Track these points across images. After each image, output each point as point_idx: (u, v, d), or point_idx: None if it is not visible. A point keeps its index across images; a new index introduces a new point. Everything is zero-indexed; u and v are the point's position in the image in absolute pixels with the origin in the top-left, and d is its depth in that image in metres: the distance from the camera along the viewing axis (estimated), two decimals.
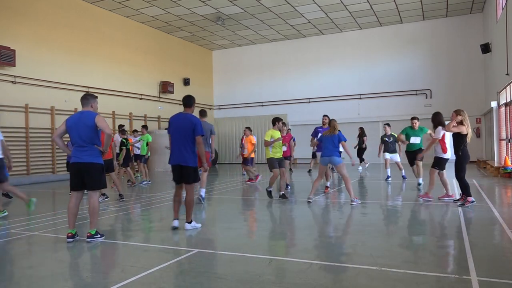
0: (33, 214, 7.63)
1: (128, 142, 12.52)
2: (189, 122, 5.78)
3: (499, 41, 14.49)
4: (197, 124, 5.77)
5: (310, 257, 4.32)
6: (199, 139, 5.76)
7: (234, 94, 24.87)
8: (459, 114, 7.32)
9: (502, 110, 14.42)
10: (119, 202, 8.89)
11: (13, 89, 13.92)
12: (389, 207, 7.67)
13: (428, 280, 3.54)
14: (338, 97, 22.11)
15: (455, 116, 7.35)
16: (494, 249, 4.60)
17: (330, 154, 8.03)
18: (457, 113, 7.36)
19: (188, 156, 5.71)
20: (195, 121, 5.80)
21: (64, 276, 3.94)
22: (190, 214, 5.82)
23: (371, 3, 17.72)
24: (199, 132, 5.75)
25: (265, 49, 23.96)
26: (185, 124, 5.77)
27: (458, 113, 7.33)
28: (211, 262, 4.34)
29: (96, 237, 5.28)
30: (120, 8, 17.55)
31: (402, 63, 20.90)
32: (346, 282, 3.58)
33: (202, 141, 5.79)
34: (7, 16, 13.82)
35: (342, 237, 5.44)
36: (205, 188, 8.78)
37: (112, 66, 17.99)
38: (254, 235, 5.76)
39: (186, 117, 5.88)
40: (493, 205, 7.22)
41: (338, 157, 8.14)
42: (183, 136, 5.73)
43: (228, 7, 17.68)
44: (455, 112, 7.41)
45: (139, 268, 4.07)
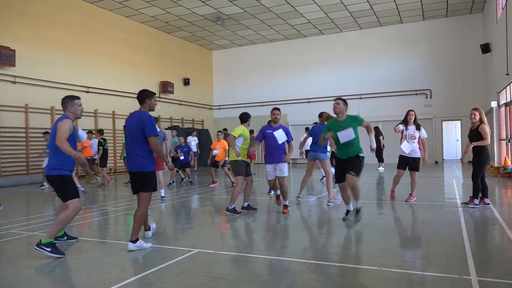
0: (33, 214, 7.63)
1: (106, 142, 12.90)
2: (139, 121, 4.92)
3: (499, 41, 14.49)
4: (147, 122, 4.89)
5: (310, 257, 4.32)
6: (152, 140, 4.87)
7: (234, 94, 24.87)
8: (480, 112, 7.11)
9: (502, 110, 14.42)
10: (117, 203, 8.89)
11: (13, 89, 13.92)
12: (389, 207, 7.67)
13: (428, 280, 3.54)
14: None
15: (482, 114, 7.07)
16: (494, 249, 4.60)
17: (315, 149, 7.92)
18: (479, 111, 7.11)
19: (139, 160, 4.90)
20: (145, 119, 4.93)
21: (64, 276, 3.94)
22: (137, 232, 4.82)
23: (371, 3, 17.72)
24: (150, 132, 4.87)
25: (265, 49, 23.96)
26: (136, 124, 4.95)
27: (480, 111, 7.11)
28: (211, 262, 4.34)
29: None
30: (120, 8, 17.55)
31: (402, 63, 20.90)
32: (346, 282, 3.57)
33: (156, 142, 4.89)
34: (7, 16, 13.82)
35: (342, 237, 5.44)
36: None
37: (112, 66, 17.99)
38: (254, 235, 5.76)
39: (135, 116, 5.05)
40: (493, 205, 7.21)
41: (324, 153, 7.98)
42: (132, 138, 4.95)
43: (228, 7, 17.68)
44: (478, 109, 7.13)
45: (139, 268, 4.07)
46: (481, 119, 6.99)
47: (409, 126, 7.93)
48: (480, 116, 7.01)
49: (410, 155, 7.80)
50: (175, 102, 21.92)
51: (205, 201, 9.16)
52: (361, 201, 5.94)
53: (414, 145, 7.81)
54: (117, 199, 9.63)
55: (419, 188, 10.34)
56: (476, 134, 6.97)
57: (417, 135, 7.85)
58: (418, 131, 7.88)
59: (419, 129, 7.89)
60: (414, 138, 7.82)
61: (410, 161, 7.85)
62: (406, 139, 7.83)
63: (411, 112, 7.96)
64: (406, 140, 7.83)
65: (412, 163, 7.86)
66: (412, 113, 7.94)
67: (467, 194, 9.02)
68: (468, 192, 9.24)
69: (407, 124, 7.94)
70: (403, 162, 7.92)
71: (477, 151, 6.95)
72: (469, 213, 6.62)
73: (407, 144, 7.81)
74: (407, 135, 7.85)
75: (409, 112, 7.96)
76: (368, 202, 8.09)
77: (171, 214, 7.57)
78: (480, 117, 7.01)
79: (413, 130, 7.87)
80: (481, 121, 6.96)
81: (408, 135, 7.84)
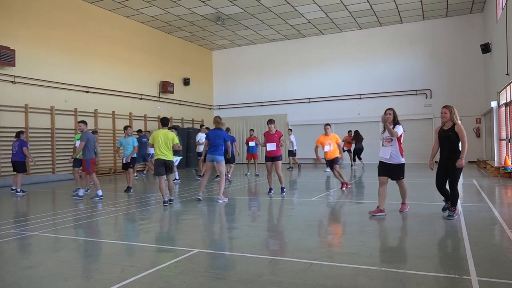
0: (33, 214, 7.63)
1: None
2: None
3: (499, 41, 14.49)
4: None
5: (310, 257, 4.32)
6: None
7: (234, 94, 24.87)
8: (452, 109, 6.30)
9: (502, 110, 14.42)
10: (116, 203, 8.89)
11: (13, 89, 13.92)
12: (389, 207, 7.67)
13: (428, 280, 3.54)
14: (338, 97, 22.11)
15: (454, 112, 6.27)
16: (494, 249, 4.60)
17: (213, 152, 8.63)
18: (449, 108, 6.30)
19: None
20: None
21: (64, 276, 3.94)
22: None
23: (371, 3, 17.72)
24: None
25: (265, 49, 23.95)
26: None
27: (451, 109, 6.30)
28: (211, 262, 4.34)
29: None
30: (120, 8, 17.55)
31: (402, 63, 20.90)
32: (346, 282, 3.57)
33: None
34: (7, 16, 13.82)
35: (342, 237, 5.44)
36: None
37: (112, 66, 17.99)
38: (254, 235, 5.76)
39: None
40: (493, 205, 7.21)
41: (220, 155, 8.65)
42: None
43: (228, 7, 17.68)
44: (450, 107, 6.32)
45: (139, 268, 4.07)
46: (452, 118, 6.21)
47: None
48: (451, 114, 6.22)
49: (390, 161, 6.68)
50: (175, 102, 21.92)
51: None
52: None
53: (392, 149, 6.67)
54: (116, 199, 9.63)
55: (419, 188, 10.36)
56: (451, 136, 6.15)
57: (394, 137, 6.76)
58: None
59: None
60: (391, 140, 6.68)
61: (390, 168, 6.70)
62: (382, 143, 6.82)
63: (387, 111, 6.79)
64: (383, 144, 6.81)
65: (393, 171, 6.70)
66: (389, 112, 6.76)
67: (467, 194, 9.03)
68: (468, 192, 9.27)
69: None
70: (382, 168, 6.80)
71: (456, 155, 6.10)
72: (469, 213, 6.62)
73: (383, 148, 6.79)
74: (383, 138, 6.82)
75: (386, 112, 6.81)
76: (368, 202, 8.09)
77: (171, 214, 7.57)
78: (451, 115, 6.22)
79: (387, 133, 6.74)
80: (453, 120, 6.20)
81: (384, 138, 6.80)
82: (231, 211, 7.68)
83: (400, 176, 6.77)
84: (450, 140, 6.17)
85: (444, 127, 6.32)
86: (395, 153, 6.66)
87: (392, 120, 6.75)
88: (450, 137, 6.16)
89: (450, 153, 6.18)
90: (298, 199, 9.09)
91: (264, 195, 9.64)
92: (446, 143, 6.23)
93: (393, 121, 6.76)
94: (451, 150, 6.17)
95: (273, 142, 9.41)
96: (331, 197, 9.35)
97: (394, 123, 6.76)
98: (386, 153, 6.70)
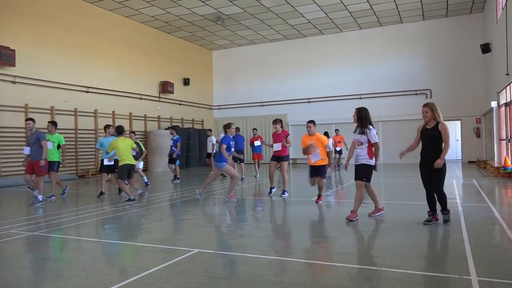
0: (32, 214, 7.62)
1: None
2: None
3: (499, 41, 14.49)
4: None
5: (310, 257, 4.32)
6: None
7: (234, 94, 24.87)
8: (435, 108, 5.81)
9: (502, 110, 14.42)
10: (117, 203, 8.89)
11: (13, 89, 13.92)
12: (389, 207, 7.67)
13: (428, 280, 3.54)
14: (338, 97, 22.11)
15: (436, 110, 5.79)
16: (494, 249, 4.60)
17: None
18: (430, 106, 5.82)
19: None
20: None
21: (64, 276, 3.94)
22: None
23: (371, 3, 17.72)
24: None
25: (265, 49, 23.96)
26: None
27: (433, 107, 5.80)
28: (211, 262, 4.34)
29: None
30: (120, 8, 17.55)
31: (402, 63, 20.90)
32: (346, 282, 3.57)
33: None
34: (7, 16, 13.82)
35: (342, 237, 5.44)
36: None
37: (112, 66, 17.99)
38: (254, 235, 5.76)
39: None
40: (493, 205, 7.21)
41: (218, 161, 8.56)
42: None
43: (228, 7, 17.68)
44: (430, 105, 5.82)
45: (139, 268, 4.07)
46: (434, 117, 5.75)
47: (358, 128, 6.40)
48: (433, 112, 5.75)
49: (356, 161, 6.37)
50: (175, 102, 21.92)
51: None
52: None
53: (362, 152, 6.30)
54: (116, 199, 9.63)
55: (419, 188, 10.34)
56: (435, 135, 5.72)
57: (363, 139, 6.27)
58: (363, 135, 6.28)
59: (364, 133, 6.26)
60: (361, 144, 6.29)
61: (356, 169, 6.38)
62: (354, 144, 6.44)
63: (355, 111, 6.38)
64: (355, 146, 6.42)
65: (357, 170, 6.34)
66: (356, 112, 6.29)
67: (467, 194, 9.03)
68: (468, 192, 9.27)
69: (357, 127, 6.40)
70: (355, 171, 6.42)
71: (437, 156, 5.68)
72: (469, 213, 6.62)
73: (355, 151, 6.42)
74: (354, 140, 6.41)
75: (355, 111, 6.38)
76: (368, 202, 8.08)
77: (171, 214, 7.57)
78: (432, 114, 5.75)
79: (357, 135, 6.34)
80: (435, 119, 5.76)
81: (355, 140, 6.36)
82: (231, 211, 7.68)
83: (362, 176, 6.18)
84: (434, 139, 5.74)
85: (427, 126, 5.90)
86: (363, 154, 6.27)
87: (358, 120, 6.25)
88: (434, 137, 5.73)
89: (433, 153, 5.70)
90: (298, 199, 9.09)
91: (265, 195, 9.64)
92: (430, 142, 5.79)
93: (359, 121, 6.26)
94: (434, 149, 5.72)
95: (279, 142, 9.12)
96: (331, 197, 9.34)
97: (364, 124, 6.22)
98: (357, 156, 6.35)
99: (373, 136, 6.20)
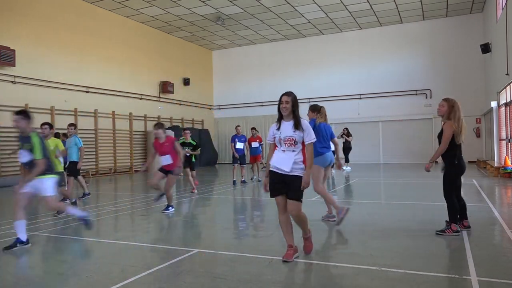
0: (32, 214, 7.62)
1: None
2: None
3: (499, 41, 14.49)
4: None
5: (310, 257, 4.32)
6: None
7: (234, 94, 24.86)
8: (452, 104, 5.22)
9: (502, 110, 14.42)
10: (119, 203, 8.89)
11: (13, 89, 13.92)
12: (389, 207, 7.67)
13: (428, 280, 3.54)
14: (338, 97, 22.11)
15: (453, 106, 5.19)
16: (494, 249, 4.60)
17: None
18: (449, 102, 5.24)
19: None
20: None
21: (64, 276, 3.94)
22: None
23: (371, 3, 17.72)
24: None
25: (265, 49, 23.95)
26: None
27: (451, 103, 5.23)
28: (211, 262, 4.34)
29: None
30: (120, 8, 17.54)
31: (402, 63, 20.90)
32: (346, 282, 3.57)
33: None
34: (7, 16, 13.82)
35: (342, 237, 5.44)
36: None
37: (112, 66, 17.99)
38: (254, 235, 5.76)
39: None
40: (493, 205, 7.21)
41: None
42: None
43: (228, 7, 17.67)
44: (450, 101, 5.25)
45: (139, 268, 4.07)
46: (449, 114, 5.15)
47: (284, 122, 4.30)
48: (449, 109, 5.15)
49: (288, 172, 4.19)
50: (175, 102, 21.92)
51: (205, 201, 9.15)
52: None
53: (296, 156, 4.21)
54: (116, 199, 9.63)
55: (419, 188, 10.34)
56: (440, 135, 5.28)
57: (297, 137, 4.19)
58: (298, 131, 4.19)
59: (298, 128, 4.20)
60: (294, 143, 4.20)
61: (286, 181, 4.21)
62: (279, 145, 4.28)
63: (283, 98, 4.29)
64: (280, 146, 4.28)
65: (290, 185, 4.20)
66: (287, 100, 4.26)
67: (467, 194, 9.01)
68: (468, 192, 9.25)
69: (281, 119, 4.33)
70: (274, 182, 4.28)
71: (446, 159, 5.25)
72: (469, 213, 6.61)
73: (279, 154, 4.27)
74: (280, 138, 4.25)
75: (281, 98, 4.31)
76: (368, 202, 8.09)
77: (171, 214, 7.57)
78: (447, 110, 5.17)
79: (290, 130, 4.21)
80: (448, 117, 5.15)
81: (283, 138, 4.23)
82: (231, 211, 7.68)
83: (299, 196, 4.25)
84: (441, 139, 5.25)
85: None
86: (298, 161, 4.22)
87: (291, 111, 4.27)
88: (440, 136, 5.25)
89: (444, 155, 5.26)
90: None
91: (265, 196, 9.64)
92: (439, 142, 5.31)
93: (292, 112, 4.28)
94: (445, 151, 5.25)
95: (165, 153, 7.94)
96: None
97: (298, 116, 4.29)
98: (285, 161, 4.19)
99: (312, 133, 4.27)
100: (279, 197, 4.30)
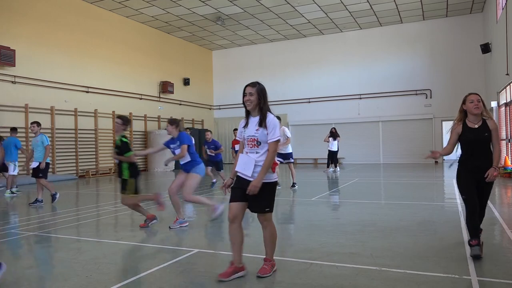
0: (33, 214, 7.62)
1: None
2: None
3: (499, 41, 14.49)
4: None
5: (310, 257, 4.32)
6: None
7: (234, 94, 24.79)
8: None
9: (502, 110, 14.42)
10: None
11: (13, 89, 13.92)
12: (388, 207, 7.67)
13: (428, 280, 3.54)
14: (338, 97, 22.11)
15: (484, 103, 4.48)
16: (494, 249, 4.59)
17: None
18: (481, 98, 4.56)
19: None
20: None
21: (64, 276, 3.94)
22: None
23: (371, 3, 17.72)
24: None
25: (265, 49, 23.95)
26: None
27: None
28: (211, 262, 4.34)
29: None
30: (120, 8, 17.54)
31: (402, 63, 20.90)
32: (346, 282, 3.57)
33: None
34: (7, 16, 13.82)
35: (342, 237, 5.43)
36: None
37: (112, 66, 17.99)
38: (253, 235, 5.76)
39: None
40: (493, 205, 7.21)
41: None
42: None
43: (228, 7, 17.67)
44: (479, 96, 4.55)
45: (139, 268, 4.07)
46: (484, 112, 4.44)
47: (251, 118, 3.76)
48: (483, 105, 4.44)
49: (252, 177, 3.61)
50: (175, 102, 21.92)
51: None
52: None
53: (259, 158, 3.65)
54: (116, 199, 9.63)
55: (419, 188, 10.35)
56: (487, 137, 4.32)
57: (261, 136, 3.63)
58: (261, 129, 3.63)
59: (262, 126, 3.64)
60: (257, 144, 3.67)
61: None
62: (246, 146, 3.78)
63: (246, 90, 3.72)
64: (245, 147, 3.78)
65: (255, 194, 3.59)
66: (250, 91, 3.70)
67: None
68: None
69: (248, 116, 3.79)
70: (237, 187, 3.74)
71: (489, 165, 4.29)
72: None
73: (244, 157, 3.72)
74: (245, 138, 3.75)
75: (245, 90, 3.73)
76: (368, 202, 8.09)
77: (171, 215, 7.56)
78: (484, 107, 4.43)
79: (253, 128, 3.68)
80: (485, 115, 4.44)
81: (246, 138, 3.74)
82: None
83: (266, 206, 3.71)
84: (486, 142, 4.32)
85: (470, 125, 4.40)
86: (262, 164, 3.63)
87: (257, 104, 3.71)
88: (487, 139, 4.31)
89: (487, 161, 4.31)
90: (298, 199, 9.09)
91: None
92: (482, 147, 4.33)
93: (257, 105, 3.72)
94: (488, 156, 4.33)
95: None
96: (331, 197, 9.35)
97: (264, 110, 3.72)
98: (247, 165, 3.64)
99: (278, 130, 3.65)
100: (235, 203, 3.69)
